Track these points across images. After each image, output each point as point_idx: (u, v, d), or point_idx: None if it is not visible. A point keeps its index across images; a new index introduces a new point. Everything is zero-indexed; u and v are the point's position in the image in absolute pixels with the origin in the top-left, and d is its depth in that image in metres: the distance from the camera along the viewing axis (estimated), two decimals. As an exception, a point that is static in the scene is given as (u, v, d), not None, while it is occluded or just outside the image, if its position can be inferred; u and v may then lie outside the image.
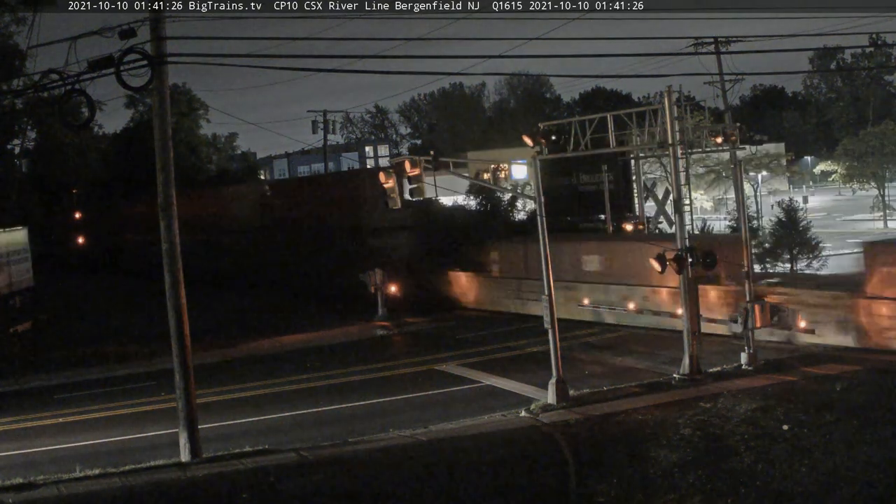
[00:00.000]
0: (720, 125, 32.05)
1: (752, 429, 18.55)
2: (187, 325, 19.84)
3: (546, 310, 22.69)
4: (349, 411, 23.74)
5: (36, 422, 24.49)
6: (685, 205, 25.10)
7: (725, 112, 55.38)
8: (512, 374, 26.10)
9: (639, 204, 39.80)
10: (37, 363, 32.64)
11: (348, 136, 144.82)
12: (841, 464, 16.11)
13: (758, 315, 24.54)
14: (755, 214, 51.42)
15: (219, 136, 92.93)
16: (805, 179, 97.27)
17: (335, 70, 22.18)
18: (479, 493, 16.54)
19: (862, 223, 72.54)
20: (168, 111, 19.81)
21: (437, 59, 54.53)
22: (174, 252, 19.76)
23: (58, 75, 18.53)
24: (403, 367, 29.14)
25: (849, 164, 75.39)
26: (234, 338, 36.21)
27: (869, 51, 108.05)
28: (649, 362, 26.60)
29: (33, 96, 43.69)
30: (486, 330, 34.60)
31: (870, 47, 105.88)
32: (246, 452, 19.40)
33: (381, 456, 18.92)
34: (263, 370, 30.00)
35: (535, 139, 24.29)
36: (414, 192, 23.56)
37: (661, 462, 17.05)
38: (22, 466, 19.64)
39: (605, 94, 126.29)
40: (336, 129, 68.77)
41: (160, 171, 19.69)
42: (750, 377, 23.31)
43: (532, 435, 19.92)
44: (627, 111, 26.99)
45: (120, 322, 41.30)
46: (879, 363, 23.54)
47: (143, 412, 24.80)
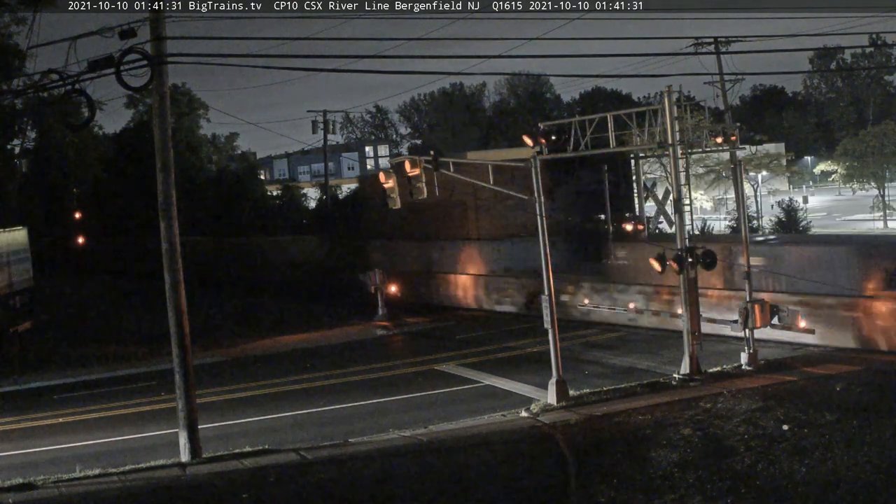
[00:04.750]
0: (720, 125, 32.06)
1: (752, 429, 18.55)
2: (187, 325, 19.84)
3: (546, 310, 22.69)
4: (349, 411, 23.75)
5: (36, 422, 24.50)
6: (685, 205, 25.07)
7: (725, 112, 55.26)
8: (512, 374, 26.11)
9: (639, 204, 39.76)
10: (37, 363, 32.65)
11: (348, 137, 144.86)
12: (841, 464, 16.10)
13: (758, 315, 24.54)
14: (755, 214, 51.44)
15: (219, 136, 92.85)
16: (805, 179, 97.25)
17: (335, 70, 22.20)
18: (479, 493, 16.53)
19: (862, 223, 72.53)
20: (168, 111, 19.81)
21: (437, 59, 54.53)
22: (174, 252, 19.75)
23: (58, 75, 18.54)
24: (403, 367, 29.15)
25: (849, 164, 75.38)
26: (234, 338, 36.22)
27: (869, 51, 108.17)
28: (649, 362, 26.62)
29: (33, 96, 43.71)
30: (486, 330, 34.64)
31: (870, 47, 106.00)
32: (246, 452, 19.40)
33: (381, 456, 18.92)
34: (263, 370, 30.02)
35: (535, 139, 24.30)
36: (414, 192, 23.57)
37: (661, 462, 17.04)
38: (22, 466, 19.64)
39: (605, 94, 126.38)
40: (336, 129, 68.69)
41: (160, 171, 19.69)
42: (750, 377, 23.33)
43: (532, 435, 19.91)
44: (627, 111, 26.96)
45: (120, 322, 41.30)
46: (879, 363, 23.57)
47: (143, 412, 24.81)
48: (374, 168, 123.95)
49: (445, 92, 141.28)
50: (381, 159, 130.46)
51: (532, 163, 23.39)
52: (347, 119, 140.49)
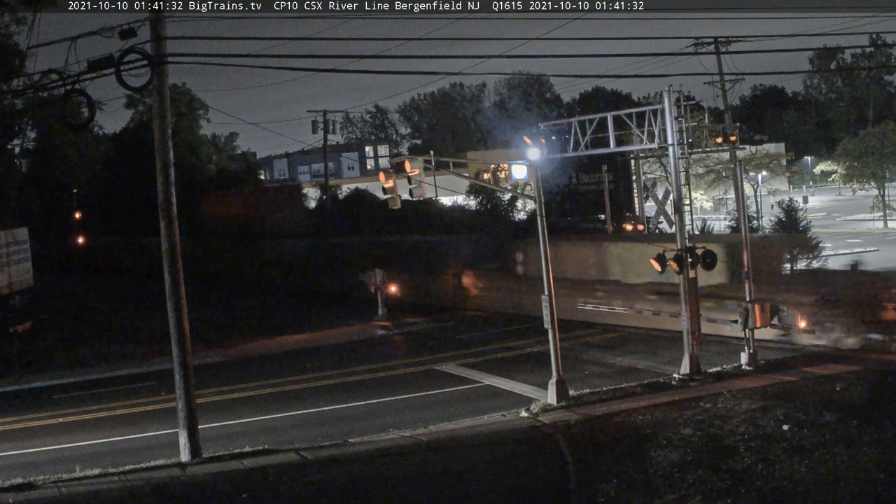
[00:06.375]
0: (720, 125, 32.00)
1: (752, 429, 18.54)
2: (187, 325, 19.84)
3: (546, 310, 22.68)
4: (349, 411, 23.75)
5: (36, 422, 24.50)
6: (685, 205, 25.07)
7: (725, 112, 55.27)
8: (512, 374, 26.11)
9: (639, 204, 39.79)
10: (37, 363, 32.64)
11: (348, 137, 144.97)
12: (841, 464, 16.10)
13: (758, 315, 24.54)
14: (755, 214, 51.40)
15: (219, 136, 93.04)
16: (805, 179, 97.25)
17: (335, 70, 22.20)
18: (479, 493, 16.53)
19: (862, 223, 72.55)
20: (168, 111, 19.81)
21: (437, 59, 54.62)
22: (174, 252, 19.76)
23: (58, 75, 18.52)
24: (403, 367, 29.15)
25: (849, 164, 75.40)
26: (234, 338, 36.22)
27: (869, 51, 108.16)
28: (649, 362, 26.61)
29: (33, 96, 43.68)
30: (486, 330, 34.63)
31: (870, 47, 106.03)
32: (246, 452, 19.41)
33: (381, 456, 18.93)
34: (263, 370, 30.01)
35: (535, 139, 24.28)
36: (414, 192, 23.57)
37: (661, 462, 17.04)
38: (22, 466, 19.65)
39: (606, 94, 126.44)
40: (336, 129, 68.62)
41: (160, 171, 19.69)
42: (750, 377, 23.32)
43: (532, 435, 19.92)
44: (627, 111, 26.93)
45: (120, 322, 41.29)
46: (879, 363, 23.56)
47: (143, 412, 24.81)
48: (374, 168, 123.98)
49: (445, 92, 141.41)
50: (381, 159, 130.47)
51: (532, 163, 23.39)
52: (347, 119, 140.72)
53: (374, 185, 42.32)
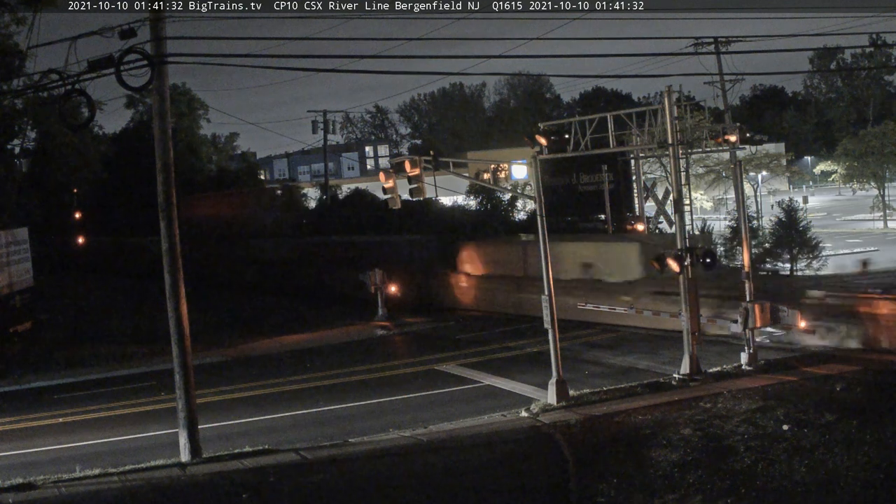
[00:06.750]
0: (720, 125, 32.03)
1: (752, 429, 18.54)
2: (187, 325, 19.83)
3: (546, 310, 22.69)
4: (349, 411, 23.74)
5: (36, 422, 24.48)
6: (685, 205, 25.07)
7: (725, 112, 55.29)
8: (512, 374, 26.10)
9: (639, 204, 39.77)
10: (37, 363, 32.62)
11: (348, 136, 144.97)
12: (841, 464, 16.10)
13: (758, 315, 24.53)
14: (755, 214, 51.39)
15: (219, 136, 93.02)
16: (805, 179, 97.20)
17: (335, 70, 22.17)
18: (479, 493, 16.53)
19: (862, 223, 72.55)
20: (168, 111, 19.80)
21: (437, 59, 54.59)
22: (174, 252, 19.75)
23: (58, 75, 18.51)
24: (403, 367, 29.15)
25: (849, 164, 75.34)
26: (234, 338, 36.21)
27: (869, 51, 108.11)
28: (649, 362, 26.61)
29: (33, 96, 43.71)
30: (486, 330, 34.62)
31: (870, 47, 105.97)
32: (246, 452, 19.40)
33: (381, 456, 18.93)
34: (263, 370, 30.01)
35: (535, 139, 24.30)
36: (414, 192, 23.59)
37: (661, 462, 17.04)
38: (22, 466, 19.63)
39: (606, 94, 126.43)
40: (336, 129, 68.75)
41: (160, 171, 19.68)
42: (750, 377, 23.32)
43: (532, 435, 19.91)
44: (627, 111, 26.99)
45: (120, 322, 41.29)
46: (880, 363, 23.56)
47: (143, 412, 24.80)
48: (374, 168, 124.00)
49: (445, 92, 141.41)
50: (381, 159, 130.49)
51: (532, 163, 23.40)
52: (347, 119, 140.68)
53: (374, 185, 42.27)
